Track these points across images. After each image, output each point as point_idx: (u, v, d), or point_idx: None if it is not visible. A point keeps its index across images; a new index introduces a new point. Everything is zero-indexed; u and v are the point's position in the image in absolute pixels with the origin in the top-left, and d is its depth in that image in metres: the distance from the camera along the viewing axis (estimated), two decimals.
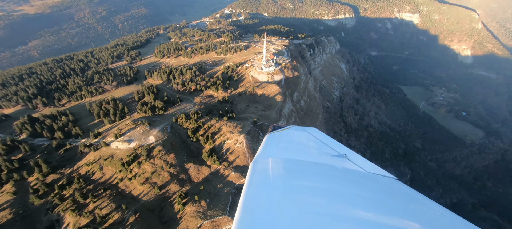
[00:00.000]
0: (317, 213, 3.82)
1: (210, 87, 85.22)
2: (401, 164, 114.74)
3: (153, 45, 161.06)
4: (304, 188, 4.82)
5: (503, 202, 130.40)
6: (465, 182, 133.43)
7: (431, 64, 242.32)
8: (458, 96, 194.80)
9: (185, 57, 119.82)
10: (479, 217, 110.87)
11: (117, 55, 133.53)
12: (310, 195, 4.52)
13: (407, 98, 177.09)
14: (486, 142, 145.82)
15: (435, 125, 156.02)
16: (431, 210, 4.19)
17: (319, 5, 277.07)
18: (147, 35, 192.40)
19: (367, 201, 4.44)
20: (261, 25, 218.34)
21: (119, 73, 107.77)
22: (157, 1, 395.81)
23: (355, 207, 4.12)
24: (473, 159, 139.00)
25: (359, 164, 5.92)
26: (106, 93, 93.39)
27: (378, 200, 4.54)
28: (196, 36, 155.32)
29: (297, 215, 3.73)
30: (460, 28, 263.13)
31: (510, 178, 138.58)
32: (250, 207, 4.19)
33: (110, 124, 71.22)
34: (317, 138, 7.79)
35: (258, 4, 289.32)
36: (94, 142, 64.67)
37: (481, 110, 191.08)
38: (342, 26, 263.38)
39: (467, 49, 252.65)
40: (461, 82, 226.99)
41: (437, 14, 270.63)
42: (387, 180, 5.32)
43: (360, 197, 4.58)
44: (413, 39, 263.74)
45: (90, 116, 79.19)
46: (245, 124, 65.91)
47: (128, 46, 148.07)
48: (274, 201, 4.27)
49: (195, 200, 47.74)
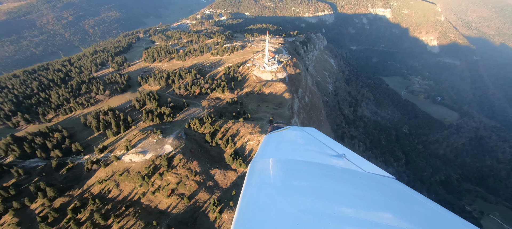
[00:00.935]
0: (316, 213, 3.80)
1: (215, 90, 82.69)
2: (396, 149, 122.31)
3: (137, 50, 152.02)
4: (303, 188, 4.79)
5: (480, 174, 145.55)
6: (448, 160, 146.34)
7: (405, 55, 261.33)
8: (432, 83, 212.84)
9: (178, 61, 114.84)
10: (465, 189, 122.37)
11: (101, 63, 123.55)
12: (309, 195, 4.49)
13: (390, 88, 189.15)
14: (461, 123, 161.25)
15: (417, 111, 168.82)
16: (430, 210, 4.17)
17: (299, 3, 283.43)
18: (127, 39, 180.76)
19: (366, 201, 4.43)
20: (246, 25, 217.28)
21: (109, 82, 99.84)
22: (129, 4, 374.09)
23: (355, 207, 4.12)
24: (452, 138, 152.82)
25: (358, 164, 5.92)
26: (99, 103, 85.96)
27: (377, 200, 4.53)
28: (185, 38, 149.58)
29: (296, 215, 3.71)
30: (426, 21, 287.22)
31: (483, 152, 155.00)
32: (249, 207, 4.21)
33: (115, 136, 65.67)
34: (316, 138, 7.75)
35: (239, 4, 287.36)
36: (101, 157, 59.13)
37: (452, 94, 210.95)
38: (323, 23, 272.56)
39: (434, 40, 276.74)
40: (432, 70, 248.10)
41: (406, 9, 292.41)
42: (386, 180, 5.31)
43: (359, 197, 4.58)
44: (387, 32, 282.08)
45: (86, 130, 72.32)
46: (262, 123, 65.06)
47: (110, 52, 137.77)
48: (273, 201, 4.25)
49: (230, 206, 46.02)
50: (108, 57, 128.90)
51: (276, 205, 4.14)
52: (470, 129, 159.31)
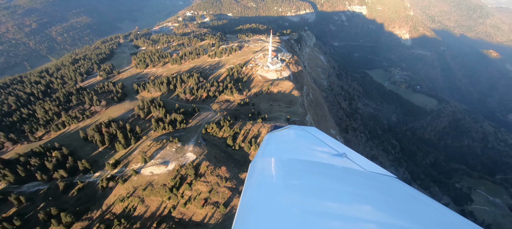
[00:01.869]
0: (317, 212, 3.78)
1: (223, 92, 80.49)
2: (390, 137, 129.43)
3: (121, 56, 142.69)
4: (304, 187, 4.75)
5: (461, 153, 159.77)
6: (433, 143, 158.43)
7: (382, 49, 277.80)
8: (410, 73, 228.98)
9: (174, 65, 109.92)
10: (452, 169, 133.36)
11: (86, 71, 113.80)
12: (310, 194, 4.47)
13: (374, 80, 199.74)
14: (440, 108, 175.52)
15: (401, 100, 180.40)
16: (431, 209, 4.18)
17: (281, 2, 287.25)
18: (107, 46, 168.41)
19: (367, 200, 4.42)
20: (232, 26, 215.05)
21: (102, 91, 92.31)
22: (100, 8, 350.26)
23: (356, 206, 4.10)
24: (434, 123, 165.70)
25: (359, 163, 5.92)
26: (96, 115, 79.07)
27: (378, 199, 4.52)
28: (175, 41, 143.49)
29: (297, 215, 3.70)
30: (398, 16, 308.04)
31: (461, 133, 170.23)
32: (250, 207, 4.18)
33: (125, 149, 60.83)
34: (317, 137, 7.69)
35: (221, 5, 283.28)
36: (115, 172, 54.32)
37: (428, 82, 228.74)
38: (305, 21, 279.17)
39: (406, 33, 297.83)
40: (407, 61, 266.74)
41: (380, 5, 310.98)
42: (387, 179, 5.30)
43: (360, 196, 4.57)
44: (365, 28, 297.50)
45: (87, 145, 66.17)
46: (281, 123, 64.60)
47: (93, 60, 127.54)
48: (274, 201, 4.25)
49: None
50: (92, 65, 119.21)
51: (277, 204, 4.11)
52: (448, 113, 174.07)
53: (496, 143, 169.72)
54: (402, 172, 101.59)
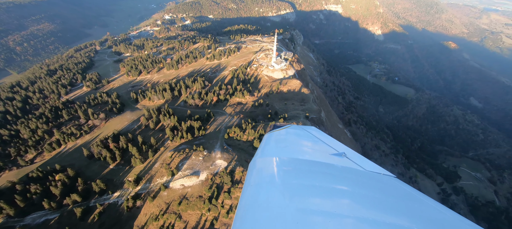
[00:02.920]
0: (316, 212, 3.83)
1: (234, 95, 78.37)
2: (385, 128, 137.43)
3: (103, 64, 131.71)
4: (303, 187, 4.79)
5: (440, 136, 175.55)
6: (416, 129, 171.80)
7: (359, 45, 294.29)
8: (387, 66, 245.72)
9: (171, 70, 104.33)
10: (437, 151, 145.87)
11: (70, 83, 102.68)
12: (309, 194, 4.51)
13: (357, 74, 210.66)
14: (418, 96, 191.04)
15: (384, 91, 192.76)
16: (430, 208, 4.26)
17: (261, 3, 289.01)
18: (83, 54, 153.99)
19: (367, 199, 4.48)
20: (216, 28, 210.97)
21: (95, 103, 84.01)
22: (64, 14, 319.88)
23: (355, 206, 4.15)
24: (415, 111, 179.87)
25: (358, 163, 6.03)
26: (96, 130, 71.64)
27: (377, 198, 4.58)
28: (164, 45, 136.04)
29: (296, 214, 3.74)
30: (370, 13, 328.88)
31: (437, 118, 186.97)
32: (249, 207, 4.24)
33: (142, 163, 55.96)
34: (316, 136, 7.79)
35: (201, 7, 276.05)
36: (138, 190, 49.57)
37: (403, 73, 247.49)
38: (286, 21, 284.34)
39: (378, 29, 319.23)
40: (382, 55, 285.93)
41: (353, 4, 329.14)
42: (386, 178, 5.40)
43: (359, 195, 4.64)
44: (341, 26, 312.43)
45: (93, 163, 59.77)
46: (304, 121, 64.78)
47: (73, 70, 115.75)
48: (273, 200, 4.29)
49: None
50: (75, 75, 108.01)
51: (276, 204, 4.12)
52: (425, 101, 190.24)
53: (465, 124, 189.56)
54: (400, 158, 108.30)
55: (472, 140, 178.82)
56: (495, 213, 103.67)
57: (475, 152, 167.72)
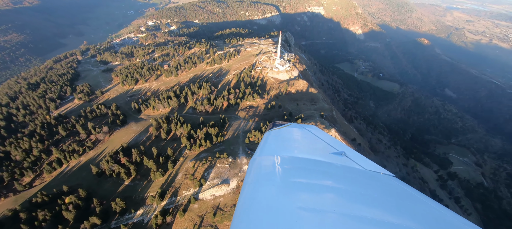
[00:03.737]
0: (315, 210, 3.86)
1: (243, 98, 77.09)
2: (379, 122, 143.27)
3: (90, 74, 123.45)
4: (302, 185, 4.84)
5: (425, 126, 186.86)
6: (405, 121, 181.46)
7: (343, 44, 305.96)
8: (372, 63, 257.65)
9: (170, 77, 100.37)
10: (428, 140, 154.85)
11: (59, 96, 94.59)
12: (308, 192, 4.54)
13: (346, 72, 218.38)
14: (403, 90, 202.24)
15: (373, 87, 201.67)
16: (428, 207, 4.31)
17: (246, 7, 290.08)
18: (64, 65, 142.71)
19: (366, 198, 4.53)
20: (205, 32, 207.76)
21: (94, 116, 78.04)
22: (34, 24, 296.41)
23: (354, 204, 4.18)
24: (402, 104, 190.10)
25: (357, 162, 6.10)
26: (100, 144, 66.40)
27: (376, 197, 4.63)
28: (158, 52, 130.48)
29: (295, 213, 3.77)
30: (350, 14, 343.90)
31: (421, 110, 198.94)
32: (248, 205, 4.28)
33: (163, 176, 52.66)
34: (316, 135, 7.85)
35: (185, 12, 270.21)
36: (164, 205, 46.42)
37: (385, 70, 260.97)
38: (272, 24, 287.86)
39: (359, 29, 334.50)
40: (364, 53, 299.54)
41: (334, 6, 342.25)
42: (385, 178, 5.45)
43: (358, 194, 4.67)
44: (325, 27, 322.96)
45: (105, 180, 55.38)
46: (321, 121, 65.25)
47: (60, 82, 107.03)
48: (272, 198, 4.32)
49: None
50: (63, 88, 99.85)
51: (275, 202, 4.16)
52: (409, 94, 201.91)
53: (445, 113, 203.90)
54: (399, 149, 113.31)
55: (453, 128, 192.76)
56: (486, 194, 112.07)
57: (456, 138, 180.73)
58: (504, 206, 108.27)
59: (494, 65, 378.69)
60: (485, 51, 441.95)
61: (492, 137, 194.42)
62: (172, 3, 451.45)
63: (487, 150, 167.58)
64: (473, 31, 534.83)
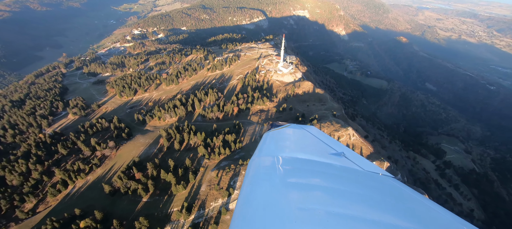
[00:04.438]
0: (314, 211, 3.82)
1: (253, 103, 76.23)
2: (375, 118, 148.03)
3: (80, 87, 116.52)
4: (301, 186, 4.85)
5: (414, 118, 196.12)
6: (395, 115, 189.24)
7: (329, 45, 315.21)
8: (358, 62, 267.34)
9: (170, 85, 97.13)
10: (419, 132, 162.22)
11: (50, 112, 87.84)
12: (307, 193, 4.54)
13: (336, 72, 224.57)
14: (392, 86, 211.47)
15: (363, 85, 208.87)
16: (428, 209, 4.31)
17: (233, 12, 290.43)
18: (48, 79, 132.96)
19: (365, 199, 4.52)
20: (195, 39, 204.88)
21: (95, 131, 73.15)
22: (6, 37, 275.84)
23: (353, 205, 4.15)
24: (392, 99, 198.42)
25: (357, 162, 6.12)
26: (107, 161, 62.15)
27: (375, 198, 4.61)
28: (152, 61, 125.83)
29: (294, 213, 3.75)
30: (333, 16, 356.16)
31: (408, 103, 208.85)
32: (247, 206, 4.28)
33: (185, 189, 50.14)
34: (315, 136, 7.86)
35: (172, 20, 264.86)
36: (192, 219, 44.06)
37: (372, 67, 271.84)
38: (260, 28, 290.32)
39: (342, 30, 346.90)
40: (350, 53, 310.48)
41: (318, 9, 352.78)
42: (385, 179, 5.47)
43: (357, 195, 4.67)
44: (310, 29, 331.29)
45: (121, 199, 51.94)
46: (336, 120, 65.90)
47: (48, 97, 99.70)
48: (271, 199, 4.31)
49: None
50: (54, 103, 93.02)
51: (274, 202, 4.16)
52: (397, 89, 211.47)
53: (430, 106, 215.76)
54: (398, 144, 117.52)
55: (438, 119, 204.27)
56: (479, 178, 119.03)
57: (442, 128, 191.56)
58: (496, 189, 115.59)
59: (465, 59, 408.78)
60: (456, 46, 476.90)
61: (472, 125, 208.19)
62: (155, 11, 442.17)
63: (470, 138, 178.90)
64: (443, 28, 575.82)
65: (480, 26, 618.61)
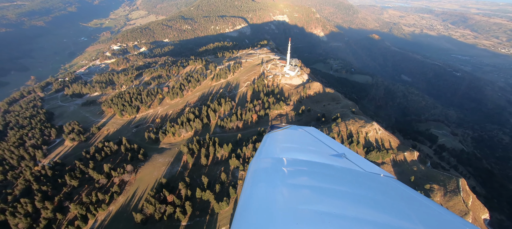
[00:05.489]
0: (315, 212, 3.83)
1: (269, 108, 75.38)
2: (368, 112, 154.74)
3: (67, 111, 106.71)
4: (302, 187, 4.79)
5: (401, 109, 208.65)
6: (384, 108, 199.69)
7: (311, 47, 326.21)
8: (341, 61, 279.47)
9: (175, 99, 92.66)
10: (409, 120, 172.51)
11: (43, 142, 78.46)
12: (308, 194, 4.51)
13: (323, 72, 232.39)
14: (376, 81, 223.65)
15: (350, 82, 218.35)
16: (429, 209, 4.32)
17: (215, 21, 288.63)
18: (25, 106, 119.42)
19: (366, 200, 4.49)
20: (183, 49, 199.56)
21: (104, 156, 66.61)
22: None
23: (354, 206, 4.15)
24: (378, 93, 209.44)
25: (358, 163, 6.10)
26: (127, 187, 56.68)
27: (376, 199, 4.59)
28: (147, 75, 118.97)
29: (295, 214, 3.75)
30: (311, 19, 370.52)
31: (393, 95, 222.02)
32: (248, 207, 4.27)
33: (228, 205, 47.29)
34: (316, 137, 7.85)
35: (153, 33, 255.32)
36: None
37: (353, 65, 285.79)
38: (243, 35, 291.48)
39: (321, 32, 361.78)
40: (331, 53, 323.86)
41: (296, 13, 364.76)
42: (386, 179, 5.44)
43: (359, 196, 4.63)
44: (291, 33, 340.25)
45: (155, 227, 47.10)
46: (359, 117, 67.30)
47: (34, 125, 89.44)
48: (272, 200, 4.31)
49: None
50: (45, 131, 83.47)
51: (275, 204, 4.17)
52: (381, 83, 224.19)
53: (410, 96, 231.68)
54: (398, 134, 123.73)
55: (419, 107, 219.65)
56: (469, 158, 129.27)
57: (424, 115, 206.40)
58: (485, 165, 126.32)
59: (429, 50, 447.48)
60: (420, 39, 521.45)
61: (448, 109, 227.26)
62: (129, 25, 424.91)
63: (448, 121, 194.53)
64: (407, 24, 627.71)
65: (436, 20, 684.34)
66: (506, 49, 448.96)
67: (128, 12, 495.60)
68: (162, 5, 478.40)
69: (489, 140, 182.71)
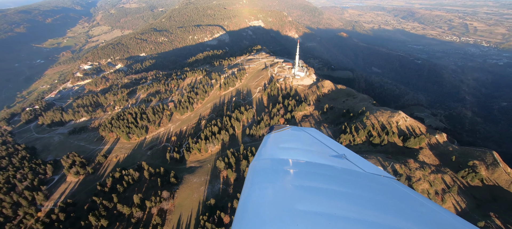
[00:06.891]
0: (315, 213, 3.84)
1: (293, 111, 74.98)
2: None
3: (49, 144, 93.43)
4: (303, 188, 4.79)
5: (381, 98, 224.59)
6: None
7: (289, 49, 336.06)
8: (320, 60, 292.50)
9: (185, 113, 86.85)
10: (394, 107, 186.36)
11: (40, 181, 66.47)
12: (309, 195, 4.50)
13: None
14: (357, 76, 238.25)
15: (334, 78, 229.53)
16: (430, 210, 4.30)
17: (192, 31, 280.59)
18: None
19: (366, 201, 4.52)
20: (168, 62, 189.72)
21: (126, 187, 58.88)
22: None
23: (355, 207, 4.16)
24: (361, 85, 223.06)
25: (358, 164, 6.11)
26: (169, 216, 50.73)
27: (377, 200, 4.62)
28: (142, 93, 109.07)
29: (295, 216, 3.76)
30: (284, 23, 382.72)
31: (372, 86, 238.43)
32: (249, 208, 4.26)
33: None
34: (316, 138, 7.86)
35: (127, 48, 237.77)
36: None
37: (331, 62, 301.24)
38: (223, 43, 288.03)
39: (295, 34, 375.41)
40: (308, 52, 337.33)
41: (269, 17, 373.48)
42: (386, 180, 5.46)
43: (359, 197, 4.65)
44: (268, 37, 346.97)
45: None
46: (384, 108, 70.16)
47: (25, 165, 75.98)
48: (272, 201, 4.32)
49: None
50: (37, 169, 71.15)
51: (275, 205, 4.17)
52: (362, 76, 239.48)
53: (386, 85, 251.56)
54: None
55: (395, 94, 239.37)
56: (453, 134, 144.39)
57: (400, 101, 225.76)
58: (467, 139, 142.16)
59: (389, 43, 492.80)
60: (380, 34, 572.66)
61: (417, 94, 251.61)
62: (91, 42, 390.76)
63: (421, 104, 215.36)
64: (366, 22, 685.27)
65: (389, 16, 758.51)
66: (449, 37, 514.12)
67: (88, 29, 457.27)
68: (126, 19, 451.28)
69: (457, 116, 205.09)
